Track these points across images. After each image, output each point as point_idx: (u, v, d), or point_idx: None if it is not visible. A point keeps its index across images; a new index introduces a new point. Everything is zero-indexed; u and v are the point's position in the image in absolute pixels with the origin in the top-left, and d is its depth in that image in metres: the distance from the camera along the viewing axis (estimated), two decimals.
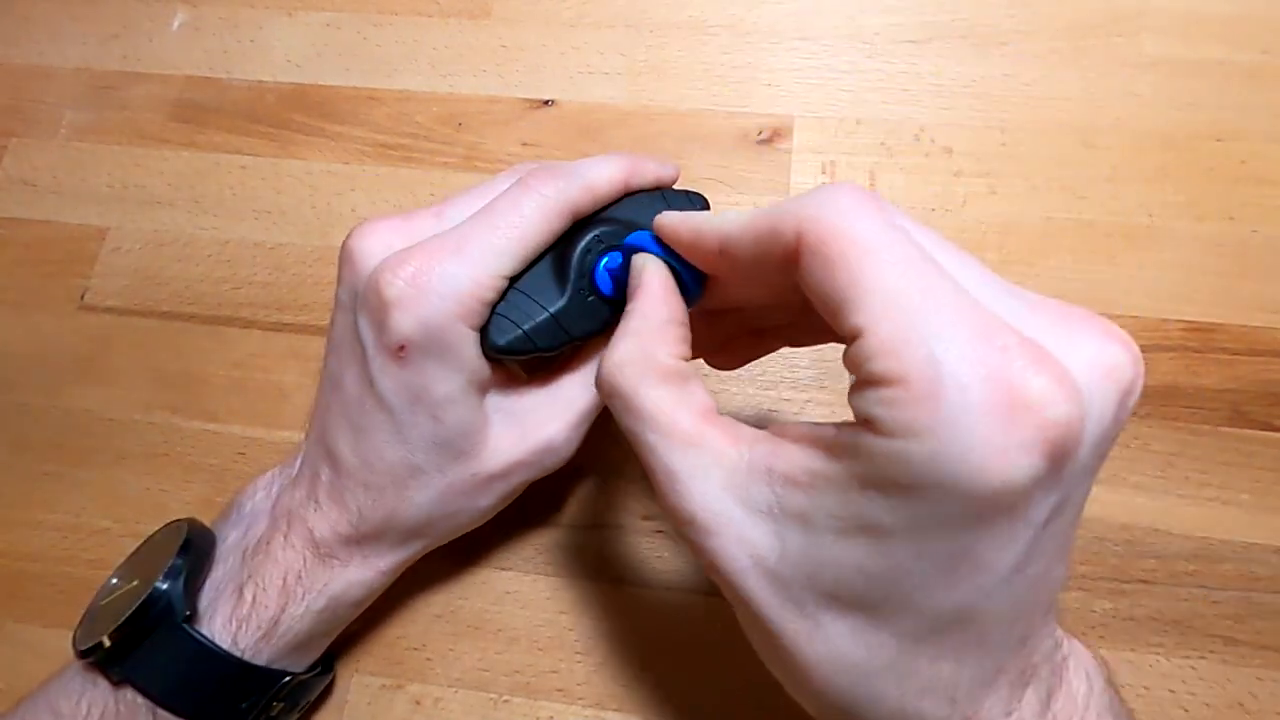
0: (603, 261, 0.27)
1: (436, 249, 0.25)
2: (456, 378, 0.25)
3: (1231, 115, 0.37)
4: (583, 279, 0.26)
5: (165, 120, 0.41)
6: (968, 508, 0.16)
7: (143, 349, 0.37)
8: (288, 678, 0.27)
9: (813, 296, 0.18)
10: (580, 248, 0.26)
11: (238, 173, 0.40)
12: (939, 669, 0.18)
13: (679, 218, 0.23)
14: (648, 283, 0.23)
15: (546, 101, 0.40)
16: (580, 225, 0.27)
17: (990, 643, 0.18)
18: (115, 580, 0.27)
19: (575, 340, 0.27)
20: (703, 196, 0.29)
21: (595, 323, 0.27)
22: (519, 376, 0.28)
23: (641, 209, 0.28)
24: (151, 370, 0.36)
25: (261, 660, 0.26)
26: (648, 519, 0.32)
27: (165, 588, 0.25)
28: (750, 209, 0.20)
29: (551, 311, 0.26)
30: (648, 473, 0.20)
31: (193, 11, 0.43)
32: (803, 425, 0.19)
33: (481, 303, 0.25)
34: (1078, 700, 0.20)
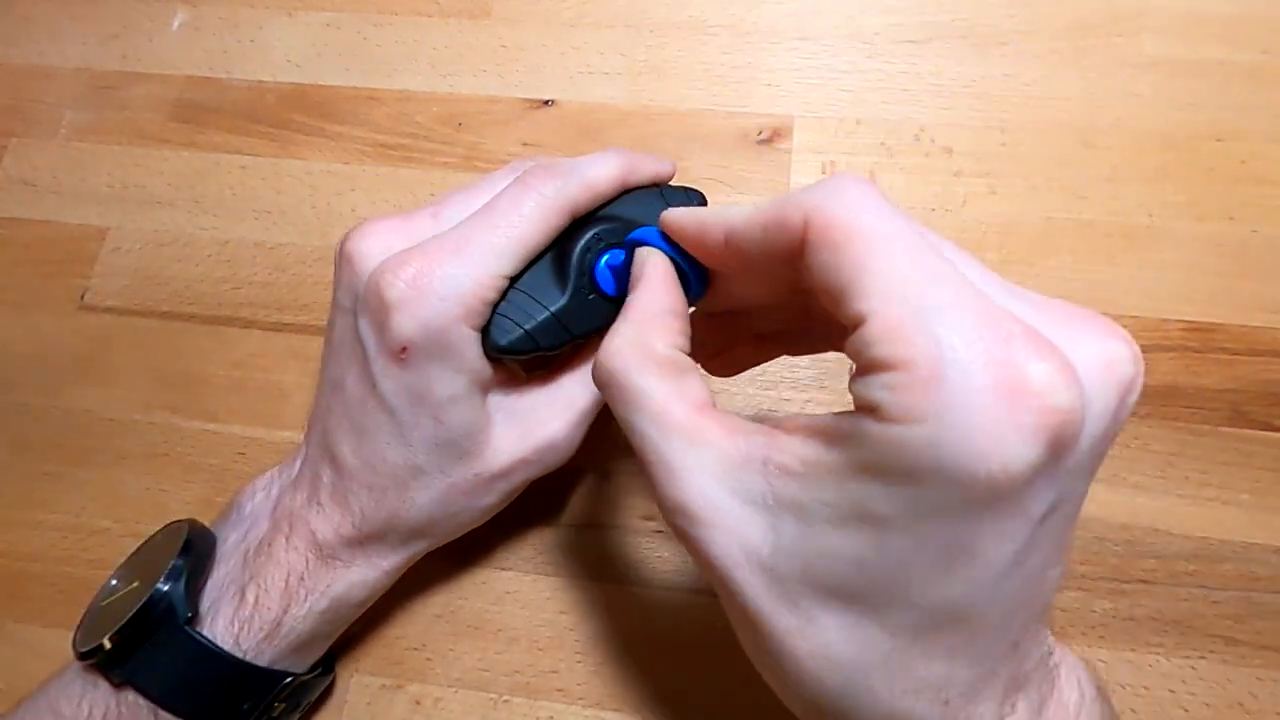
0: (603, 259, 0.27)
1: (437, 250, 0.25)
2: (459, 378, 0.25)
3: (1231, 115, 0.37)
4: (583, 277, 0.26)
5: (165, 120, 0.41)
6: (966, 495, 0.15)
7: (143, 349, 0.37)
8: (289, 678, 0.27)
9: (817, 285, 0.18)
10: (580, 246, 0.26)
11: (238, 173, 0.40)
12: (932, 668, 0.17)
13: (685, 212, 0.23)
14: (649, 275, 0.23)
15: (546, 101, 0.40)
16: (579, 223, 0.27)
17: (984, 643, 0.18)
18: (115, 581, 0.27)
19: (577, 339, 0.27)
20: (700, 193, 0.29)
21: (596, 321, 0.27)
22: (519, 375, 0.28)
23: (640, 206, 0.28)
24: (151, 370, 0.36)
25: (263, 661, 0.26)
26: (648, 519, 0.32)
27: (166, 589, 0.25)
28: (755, 201, 0.20)
29: (553, 310, 0.26)
30: (642, 463, 0.20)
31: (193, 11, 0.43)
32: (801, 417, 0.19)
33: (483, 303, 0.25)
34: (1069, 709, 0.20)
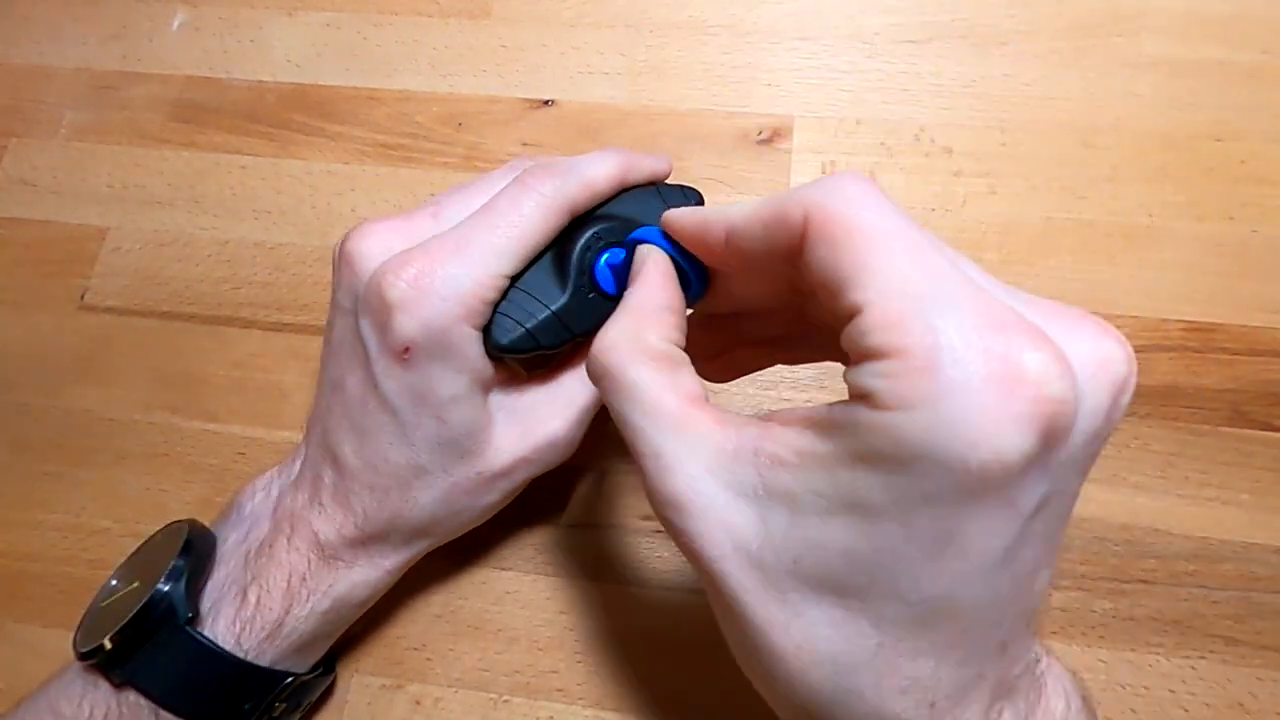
0: (603, 258, 0.27)
1: (437, 250, 0.25)
2: (460, 378, 0.26)
3: (1231, 115, 0.37)
4: (583, 276, 0.26)
5: (165, 120, 0.41)
6: (958, 483, 0.15)
7: (143, 349, 0.37)
8: (290, 678, 0.27)
9: (816, 281, 0.18)
10: (580, 245, 0.26)
11: (238, 173, 0.40)
12: (918, 666, 0.17)
13: (687, 211, 0.23)
14: (647, 271, 0.23)
15: (546, 101, 0.40)
16: (578, 222, 0.27)
17: (972, 642, 0.18)
18: (115, 582, 0.27)
19: (577, 337, 0.27)
20: (696, 190, 0.29)
21: (597, 319, 0.27)
22: (520, 374, 0.28)
23: (637, 204, 0.28)
24: (151, 370, 0.36)
25: (265, 661, 0.26)
26: (648, 519, 0.32)
27: (167, 589, 0.25)
28: (755, 199, 0.20)
29: (553, 309, 0.26)
30: (634, 455, 0.20)
31: (193, 11, 0.43)
32: (794, 409, 0.19)
33: (484, 303, 0.25)
34: (1055, 719, 0.20)
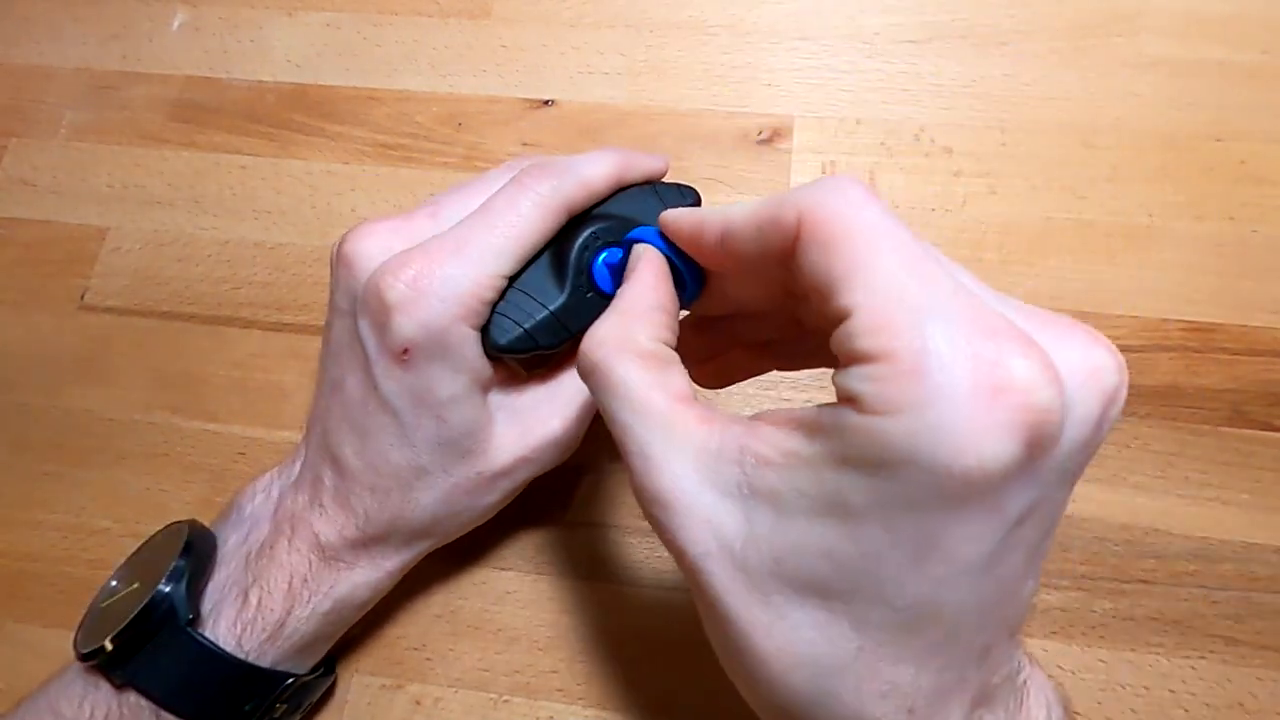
0: (601, 257, 0.27)
1: (436, 251, 0.25)
2: (460, 378, 0.26)
3: (1231, 115, 0.37)
4: (581, 275, 0.26)
5: (165, 120, 0.41)
6: (942, 489, 0.15)
7: (143, 349, 0.37)
8: (291, 679, 0.27)
9: (808, 283, 0.18)
10: (578, 244, 0.26)
11: (238, 173, 0.40)
12: (899, 672, 0.17)
13: (683, 211, 0.23)
14: (640, 270, 0.23)
15: (546, 101, 0.40)
16: (576, 221, 0.27)
17: (953, 649, 0.17)
18: (115, 582, 0.27)
19: (576, 337, 0.27)
20: (694, 189, 0.29)
21: (595, 319, 0.27)
22: (519, 374, 0.28)
23: (635, 203, 0.28)
24: (151, 370, 0.36)
25: (266, 662, 0.26)
26: None
27: (168, 590, 0.25)
28: (752, 200, 0.20)
29: (552, 309, 0.26)
30: (621, 453, 0.20)
31: (193, 11, 0.43)
32: (782, 410, 0.19)
33: (482, 303, 0.25)
34: None
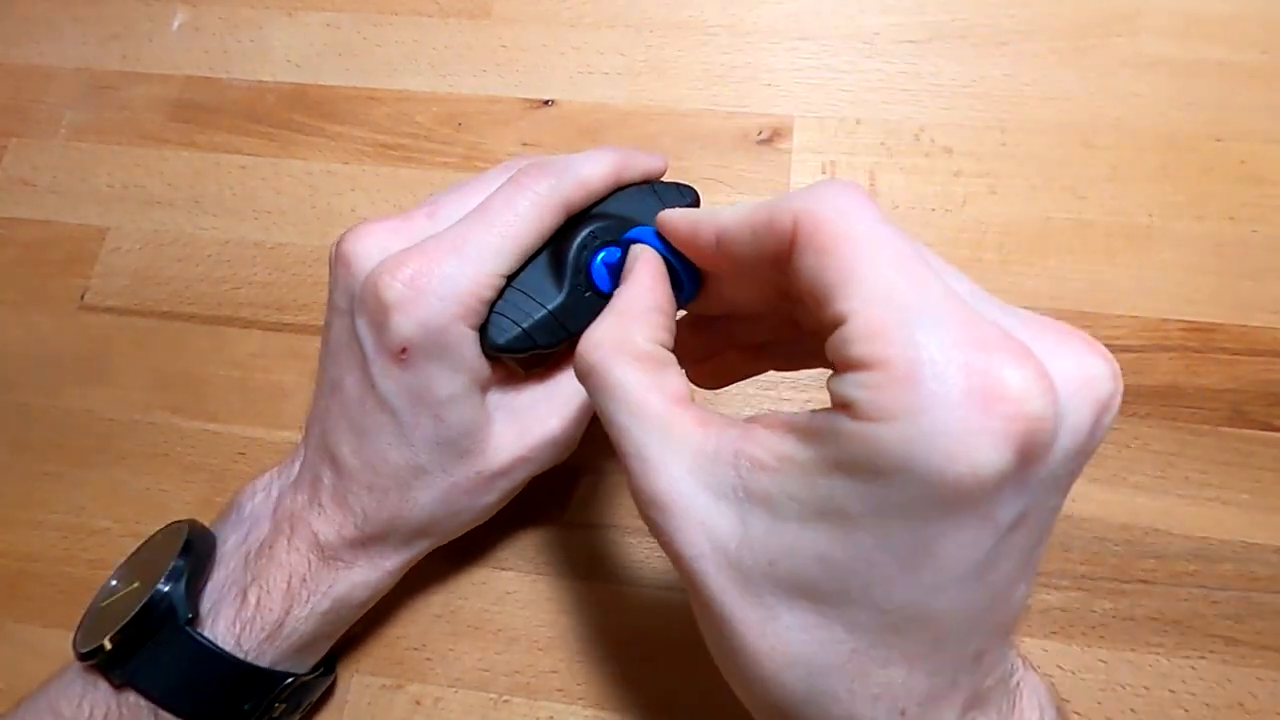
0: (599, 257, 0.27)
1: (434, 250, 0.25)
2: (458, 377, 0.26)
3: (1231, 115, 0.37)
4: (579, 275, 0.26)
5: (165, 120, 0.41)
6: (934, 496, 0.15)
7: (143, 349, 0.37)
8: (291, 679, 0.27)
9: (803, 288, 0.18)
10: (576, 244, 0.26)
11: (238, 173, 0.40)
12: (891, 674, 0.17)
13: (680, 212, 0.23)
14: (637, 271, 0.23)
15: (546, 101, 0.40)
16: (574, 221, 0.27)
17: (944, 652, 0.18)
18: (115, 582, 0.27)
19: (574, 336, 0.27)
20: (693, 188, 0.29)
21: (593, 318, 0.27)
22: (517, 373, 0.29)
23: (633, 202, 0.28)
24: (151, 370, 0.36)
25: (265, 662, 0.26)
26: None
27: (167, 590, 0.25)
28: (748, 202, 0.20)
29: (550, 309, 0.26)
30: (618, 454, 0.20)
31: (193, 11, 0.43)
32: (778, 414, 0.19)
33: (480, 302, 0.25)
34: None
